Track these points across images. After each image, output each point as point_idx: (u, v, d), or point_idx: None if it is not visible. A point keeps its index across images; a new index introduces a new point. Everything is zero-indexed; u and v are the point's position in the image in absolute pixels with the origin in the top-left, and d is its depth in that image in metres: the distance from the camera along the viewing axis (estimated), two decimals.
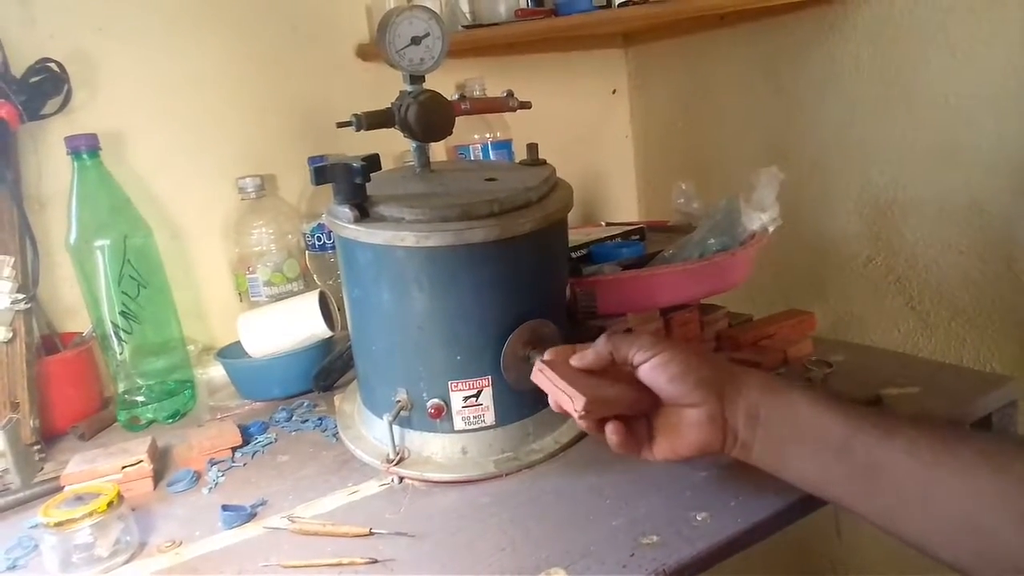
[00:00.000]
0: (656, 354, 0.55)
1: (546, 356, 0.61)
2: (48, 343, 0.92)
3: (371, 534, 0.60)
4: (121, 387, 0.89)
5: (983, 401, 0.71)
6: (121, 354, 0.88)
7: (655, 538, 0.55)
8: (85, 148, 0.86)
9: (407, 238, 0.62)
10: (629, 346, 0.56)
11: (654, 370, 0.55)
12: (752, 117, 1.21)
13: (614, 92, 1.42)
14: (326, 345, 0.93)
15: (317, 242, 1.06)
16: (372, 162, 0.64)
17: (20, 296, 0.81)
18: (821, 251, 1.14)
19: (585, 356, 0.58)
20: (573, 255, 0.88)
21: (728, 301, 0.93)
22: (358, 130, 0.69)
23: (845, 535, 1.18)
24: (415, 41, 0.69)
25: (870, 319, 1.09)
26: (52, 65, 0.88)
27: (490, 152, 1.16)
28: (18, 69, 0.88)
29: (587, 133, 1.39)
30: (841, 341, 0.89)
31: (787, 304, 0.93)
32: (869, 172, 1.06)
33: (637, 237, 0.98)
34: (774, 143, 1.18)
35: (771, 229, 0.89)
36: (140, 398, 0.88)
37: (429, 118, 0.70)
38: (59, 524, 0.57)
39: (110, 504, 0.59)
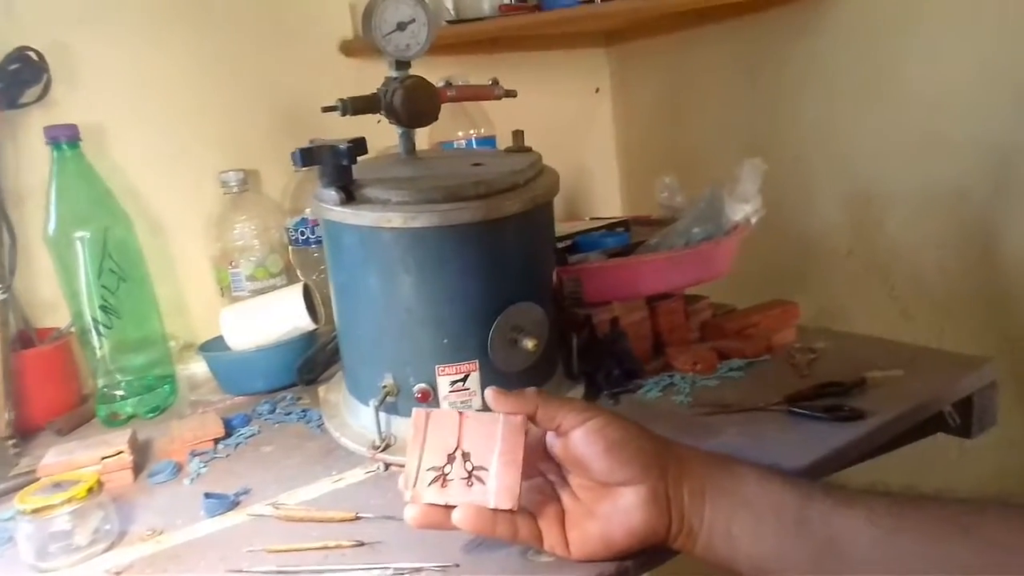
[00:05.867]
0: (591, 417, 0.48)
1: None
2: (24, 338, 0.90)
3: (357, 518, 0.59)
4: (101, 382, 0.87)
5: (965, 382, 0.71)
6: (101, 349, 0.86)
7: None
8: (65, 139, 0.84)
9: (394, 219, 0.61)
10: (558, 408, 0.49)
11: (589, 435, 0.48)
12: (733, 113, 1.23)
13: (597, 91, 1.43)
14: (309, 338, 0.92)
15: (300, 236, 1.05)
16: (358, 145, 0.63)
17: None
18: (803, 244, 1.15)
19: (505, 397, 0.49)
20: (559, 245, 0.88)
21: (711, 293, 0.94)
22: (344, 115, 0.69)
23: None
24: (400, 27, 0.70)
25: (852, 310, 1.10)
26: (31, 54, 0.86)
27: (474, 148, 1.16)
28: None
29: (570, 131, 1.40)
30: (824, 328, 0.90)
31: (770, 296, 0.94)
32: (849, 166, 1.07)
33: (622, 229, 0.99)
34: (756, 138, 1.19)
35: (754, 220, 0.90)
36: (120, 392, 0.86)
37: (415, 103, 0.70)
38: (36, 511, 0.56)
39: (90, 490, 0.58)
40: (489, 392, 0.50)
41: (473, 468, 0.49)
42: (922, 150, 0.99)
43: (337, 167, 0.63)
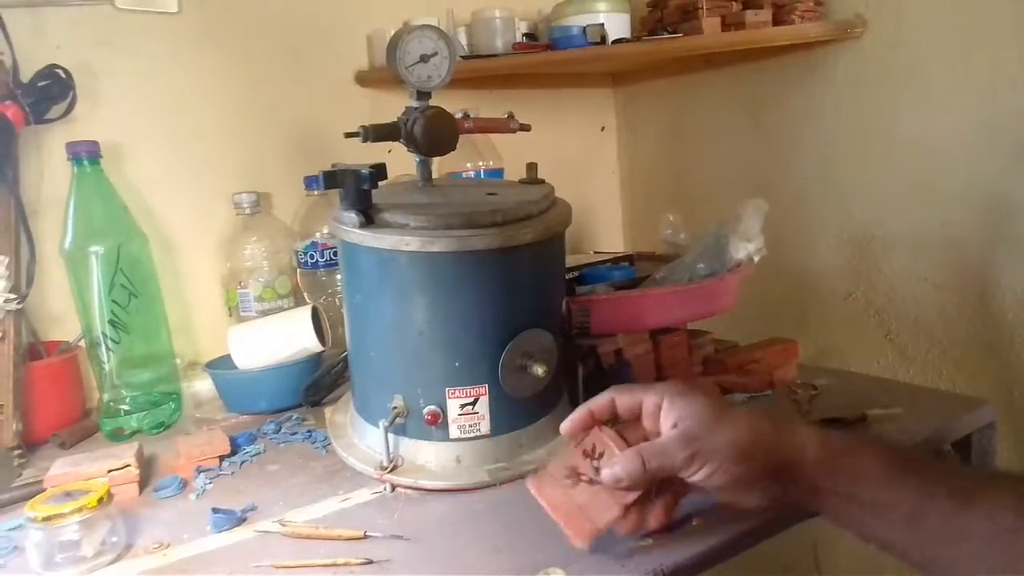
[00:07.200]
0: (701, 467, 0.51)
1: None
2: (32, 351, 0.91)
3: (365, 537, 0.59)
4: (106, 396, 0.87)
5: (964, 422, 0.73)
6: (108, 363, 0.87)
7: (651, 541, 0.56)
8: (86, 154, 0.86)
9: (412, 243, 0.63)
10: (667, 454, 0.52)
11: (706, 484, 0.52)
12: (735, 155, 1.26)
13: (603, 129, 1.46)
14: (315, 361, 0.93)
15: (309, 260, 1.06)
16: (380, 170, 0.65)
17: (12, 296, 0.81)
18: (803, 285, 1.17)
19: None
20: (566, 277, 0.89)
21: (713, 329, 0.95)
22: (365, 141, 0.71)
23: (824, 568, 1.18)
24: (424, 59, 0.72)
25: (850, 351, 1.12)
26: (59, 71, 0.89)
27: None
28: (26, 78, 0.89)
29: (576, 167, 1.42)
30: (824, 367, 0.91)
31: (770, 336, 0.95)
32: (848, 209, 1.10)
33: (627, 264, 1.01)
34: (756, 180, 1.22)
35: (756, 259, 0.92)
36: (125, 407, 0.87)
37: (434, 132, 0.72)
38: (47, 519, 0.56)
39: (100, 500, 0.58)
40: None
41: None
42: (918, 196, 1.02)
43: (358, 191, 0.65)
